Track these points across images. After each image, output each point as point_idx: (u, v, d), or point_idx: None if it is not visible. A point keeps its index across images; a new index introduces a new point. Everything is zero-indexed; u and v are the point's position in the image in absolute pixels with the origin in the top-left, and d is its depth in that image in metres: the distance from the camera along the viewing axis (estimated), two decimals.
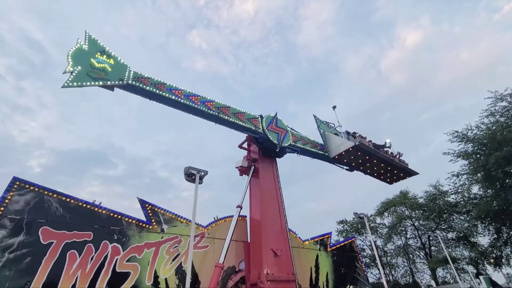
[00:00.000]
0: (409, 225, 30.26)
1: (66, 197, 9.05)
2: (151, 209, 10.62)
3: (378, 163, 14.63)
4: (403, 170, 15.44)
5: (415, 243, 30.73)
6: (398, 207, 31.13)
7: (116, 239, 9.30)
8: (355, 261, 17.72)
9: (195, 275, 10.47)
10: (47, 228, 8.26)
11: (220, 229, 12.18)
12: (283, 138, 14.95)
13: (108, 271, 8.71)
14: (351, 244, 18.66)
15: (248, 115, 14.20)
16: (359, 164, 14.91)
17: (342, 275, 16.11)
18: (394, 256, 31.90)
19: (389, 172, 15.50)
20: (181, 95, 11.62)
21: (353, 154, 13.83)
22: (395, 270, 32.13)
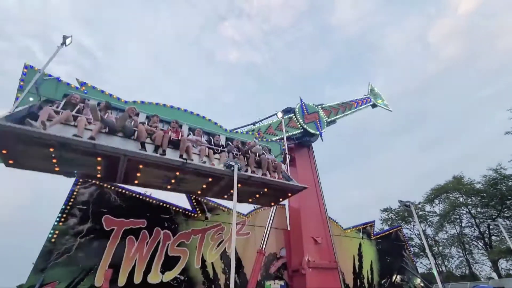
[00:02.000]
0: (464, 212, 27.60)
1: (122, 189, 10.08)
2: (195, 199, 11.32)
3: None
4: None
5: (471, 232, 28.01)
6: (451, 194, 28.50)
7: (166, 226, 10.17)
8: (402, 250, 16.88)
9: (238, 260, 11.01)
10: (108, 217, 9.35)
11: (259, 217, 12.53)
12: (320, 125, 14.64)
13: (162, 254, 9.60)
14: (397, 232, 17.77)
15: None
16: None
17: (387, 264, 15.51)
18: (447, 246, 29.52)
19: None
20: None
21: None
22: (448, 260, 29.79)
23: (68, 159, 5.79)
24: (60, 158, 5.72)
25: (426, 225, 30.68)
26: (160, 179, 7.05)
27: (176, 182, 7.22)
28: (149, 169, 6.47)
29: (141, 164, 6.22)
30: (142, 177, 6.96)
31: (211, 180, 7.16)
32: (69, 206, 8.99)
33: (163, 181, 7.17)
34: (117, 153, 5.62)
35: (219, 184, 7.43)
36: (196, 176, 6.89)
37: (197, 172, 6.67)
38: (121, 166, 6.22)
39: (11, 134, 4.69)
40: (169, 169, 6.48)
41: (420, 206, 29.67)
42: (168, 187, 7.57)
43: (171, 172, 6.63)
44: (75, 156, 5.72)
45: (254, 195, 8.35)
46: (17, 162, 5.91)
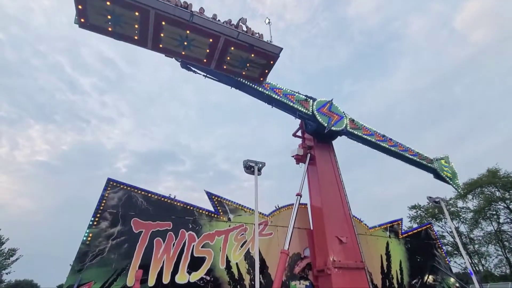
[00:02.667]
0: (501, 208, 25.77)
1: (148, 193, 10.52)
2: (217, 200, 11.54)
3: (181, 31, 8.97)
4: (249, 48, 9.57)
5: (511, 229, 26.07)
6: (486, 188, 26.72)
7: (191, 228, 10.46)
8: (433, 249, 16.07)
9: (262, 260, 11.05)
10: (137, 220, 9.79)
11: (282, 217, 12.51)
12: (334, 122, 14.33)
13: (188, 255, 9.89)
14: (427, 230, 16.94)
15: (299, 97, 14.16)
16: (154, 39, 9.23)
17: (418, 264, 14.84)
18: (484, 244, 27.69)
19: (230, 54, 9.83)
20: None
21: (105, 9, 8.05)
22: (485, 259, 27.94)
23: (118, 15, 8.42)
24: (113, 14, 8.38)
25: (459, 222, 29.03)
26: (176, 40, 9.35)
27: (188, 45, 9.61)
28: (168, 27, 8.93)
29: (163, 20, 8.62)
30: (165, 39, 9.33)
31: (212, 41, 9.42)
32: (101, 210, 9.53)
33: (178, 42, 9.50)
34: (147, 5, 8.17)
35: (217, 48, 9.65)
36: (202, 36, 9.30)
37: (202, 31, 9.10)
38: (151, 24, 8.64)
39: None
40: (180, 25, 8.93)
41: (451, 202, 28.13)
42: (182, 53, 9.96)
43: (183, 30, 9.08)
44: (122, 12, 8.32)
45: (244, 65, 10.69)
46: (86, 21, 8.52)
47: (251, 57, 10.22)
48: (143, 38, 9.26)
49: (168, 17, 8.57)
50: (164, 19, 8.63)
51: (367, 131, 16.08)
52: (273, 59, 10.56)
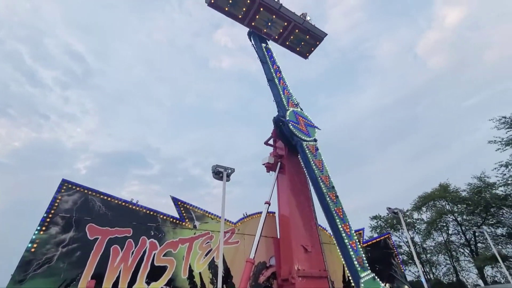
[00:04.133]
0: (450, 220, 28.18)
1: (108, 197, 9.83)
2: (183, 207, 11.14)
3: (269, 14, 13.59)
4: (307, 31, 14.42)
5: (458, 240, 28.56)
6: (438, 201, 29.11)
7: (153, 235, 9.92)
8: (391, 258, 16.98)
9: (227, 269, 10.80)
10: (92, 225, 9.06)
11: (249, 225, 12.40)
12: (307, 132, 14.77)
13: (147, 264, 9.33)
14: (386, 240, 17.90)
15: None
16: (247, 15, 13.64)
17: (377, 272, 15.48)
18: (435, 253, 29.94)
19: (292, 33, 14.52)
20: None
21: None
22: (436, 268, 30.17)
23: (237, 1, 12.92)
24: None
25: (414, 233, 31.12)
26: (264, 21, 13.86)
27: (270, 26, 14.41)
28: (263, 12, 13.62)
29: (262, 7, 12.76)
30: (258, 20, 13.73)
31: (286, 24, 14.65)
32: (52, 214, 8.68)
33: (265, 23, 14.10)
34: None
35: (287, 29, 14.50)
36: (281, 20, 14.40)
37: (282, 17, 14.20)
38: (253, 9, 12.60)
39: None
40: (271, 11, 13.92)
41: (408, 214, 30.11)
42: (264, 30, 14.80)
43: (271, 15, 13.75)
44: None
45: (300, 43, 15.36)
46: (215, 2, 12.84)
47: (306, 38, 15.28)
48: (244, 17, 13.81)
49: (266, 5, 13.25)
50: (263, 6, 13.29)
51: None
52: (320, 40, 15.70)
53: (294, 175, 14.30)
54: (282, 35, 14.81)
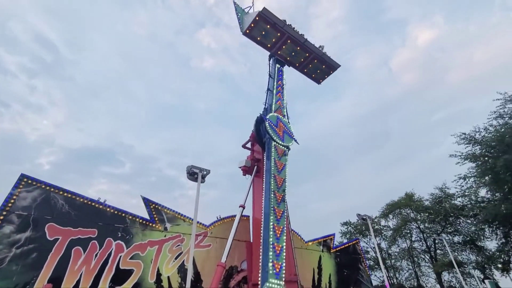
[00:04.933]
0: (414, 227, 29.91)
1: (72, 195, 9.22)
2: (154, 208, 10.75)
3: (294, 46, 15.45)
4: (324, 61, 16.48)
5: (420, 246, 30.35)
6: (403, 210, 30.79)
7: (120, 237, 9.45)
8: (359, 263, 17.61)
9: (197, 273, 10.56)
10: (53, 225, 8.44)
11: (222, 229, 12.25)
12: (290, 137, 15.00)
13: (112, 268, 8.85)
14: (354, 246, 18.54)
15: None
16: (275, 46, 15.39)
17: (345, 277, 16.03)
18: (399, 259, 31.53)
19: (310, 62, 16.46)
20: None
21: (263, 28, 14.40)
22: (399, 273, 31.77)
23: (268, 32, 14.80)
24: (266, 32, 14.92)
25: (381, 239, 32.56)
26: (289, 51, 15.92)
27: (293, 55, 16.18)
28: (290, 44, 15.69)
29: (290, 40, 15.32)
30: (284, 49, 15.86)
31: (307, 55, 16.23)
32: (6, 211, 7.96)
33: (289, 52, 15.97)
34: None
35: (308, 59, 16.30)
36: (303, 52, 16.13)
37: (305, 49, 16.05)
38: (282, 40, 15.11)
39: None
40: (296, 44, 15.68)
41: (376, 221, 31.44)
42: (288, 58, 16.29)
43: (296, 46, 15.76)
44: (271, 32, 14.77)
45: (316, 71, 17.16)
46: (250, 32, 14.51)
47: (321, 67, 16.89)
48: (272, 47, 15.31)
49: (293, 39, 14.80)
50: (291, 39, 14.85)
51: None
52: (333, 70, 17.55)
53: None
54: (302, 63, 16.78)
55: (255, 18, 13.99)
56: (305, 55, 16.05)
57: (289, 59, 16.41)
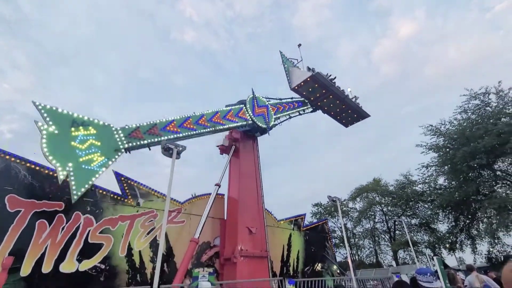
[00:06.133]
0: (378, 210, 32.22)
1: (36, 166, 8.65)
2: (126, 183, 10.46)
3: (334, 100, 16.45)
4: (356, 111, 17.62)
5: (381, 227, 32.95)
6: (370, 194, 32.87)
7: (89, 211, 9.14)
8: (326, 241, 18.76)
9: (169, 248, 10.65)
10: (14, 196, 7.93)
11: (197, 206, 12.30)
12: (268, 119, 15.00)
13: (80, 241, 8.62)
14: (323, 225, 19.64)
15: (235, 109, 13.99)
16: (317, 99, 16.46)
17: (312, 253, 17.05)
18: (362, 238, 34.11)
19: (344, 111, 17.58)
20: (176, 128, 11.19)
21: (311, 86, 15.08)
22: (361, 250, 34.51)
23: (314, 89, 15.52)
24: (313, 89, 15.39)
25: (348, 220, 34.74)
26: (330, 103, 16.93)
27: (332, 107, 17.26)
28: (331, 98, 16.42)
29: (331, 95, 16.15)
30: (325, 102, 16.84)
31: (344, 107, 17.15)
32: None
33: (329, 104, 16.97)
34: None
35: (343, 109, 17.34)
36: (341, 104, 16.93)
37: (345, 103, 16.91)
38: (324, 95, 16.09)
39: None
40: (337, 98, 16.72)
41: (344, 203, 33.31)
42: (325, 108, 17.45)
43: (336, 100, 16.88)
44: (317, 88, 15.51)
45: (347, 118, 18.11)
46: (299, 88, 15.21)
47: (353, 115, 17.96)
48: (315, 100, 16.31)
49: (336, 95, 15.66)
50: (333, 95, 15.74)
51: (281, 107, 17.22)
52: (363, 118, 18.56)
53: (247, 159, 14.52)
54: (336, 112, 17.88)
55: (307, 79, 14.65)
56: (341, 106, 17.25)
57: (326, 109, 17.63)
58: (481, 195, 20.74)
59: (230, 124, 13.38)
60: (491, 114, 19.94)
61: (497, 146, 18.04)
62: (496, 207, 18.09)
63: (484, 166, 19.94)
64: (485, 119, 19.90)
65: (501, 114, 19.39)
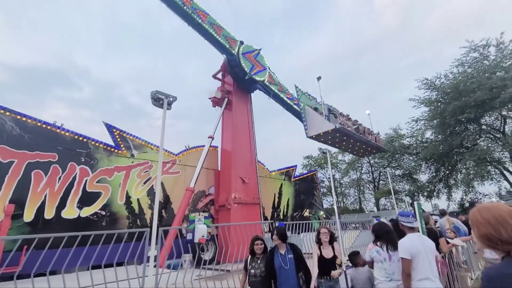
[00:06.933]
0: (365, 162, 33.69)
1: (22, 116, 8.41)
2: (119, 134, 10.41)
3: (355, 143, 14.22)
4: (377, 148, 15.81)
5: (367, 178, 34.93)
6: None
7: (83, 162, 9.25)
8: (314, 190, 19.98)
9: (167, 196, 11.19)
10: (4, 147, 7.86)
11: (191, 158, 12.57)
12: (256, 72, 14.44)
13: (78, 190, 8.91)
14: (312, 176, 20.67)
15: (227, 33, 13.30)
16: (337, 143, 14.14)
17: (301, 201, 18.28)
18: (348, 187, 36.36)
19: (363, 149, 15.56)
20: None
21: (331, 135, 12.60)
22: (346, 198, 37.15)
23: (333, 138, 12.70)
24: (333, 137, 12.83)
25: (336, 171, 36.47)
26: (352, 146, 14.77)
27: (356, 150, 15.56)
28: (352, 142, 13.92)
29: (352, 139, 13.53)
30: (347, 146, 14.73)
31: (364, 146, 14.90)
32: None
33: (353, 147, 15.00)
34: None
35: (364, 148, 15.28)
36: (363, 146, 14.75)
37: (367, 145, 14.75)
38: (345, 140, 13.61)
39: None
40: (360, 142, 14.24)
41: (334, 155, 34.52)
42: (349, 150, 16.09)
43: (361, 144, 14.64)
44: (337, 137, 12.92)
45: (365, 153, 16.55)
46: (317, 138, 12.68)
47: (371, 151, 16.26)
48: (332, 144, 13.96)
49: (357, 139, 13.43)
50: (354, 139, 13.39)
51: (282, 88, 16.85)
52: (381, 152, 18.32)
53: (240, 111, 14.40)
54: (359, 151, 16.11)
55: (328, 131, 12.04)
56: (362, 146, 15.28)
57: (344, 148, 15.80)
58: (464, 148, 21.69)
59: (210, 30, 12.45)
60: (487, 67, 19.64)
61: (487, 100, 18.22)
62: (475, 159, 19.13)
63: (471, 120, 20.43)
64: (481, 73, 19.67)
65: (497, 68, 19.14)
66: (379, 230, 3.56)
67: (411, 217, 3.33)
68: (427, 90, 22.74)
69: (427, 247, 3.14)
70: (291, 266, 3.40)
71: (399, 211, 5.99)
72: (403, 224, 3.33)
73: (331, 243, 3.85)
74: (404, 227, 3.32)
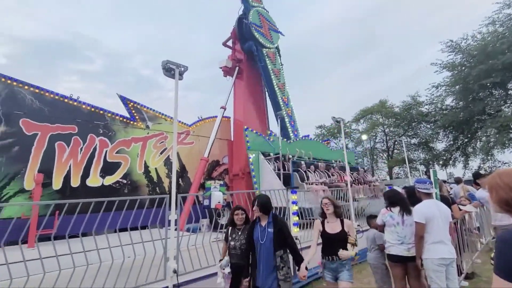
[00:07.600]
0: (380, 131, 32.99)
1: (40, 90, 8.64)
2: (133, 106, 10.58)
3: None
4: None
5: (381, 147, 34.44)
6: (374, 115, 32.99)
7: (102, 133, 9.59)
8: None
9: (182, 166, 11.60)
10: (27, 120, 8.22)
11: (204, 128, 12.73)
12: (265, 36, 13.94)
13: (100, 160, 9.37)
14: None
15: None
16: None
17: None
18: (361, 156, 36.15)
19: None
20: None
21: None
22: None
23: None
24: None
25: (349, 140, 36.06)
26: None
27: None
28: None
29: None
30: None
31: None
32: None
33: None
34: None
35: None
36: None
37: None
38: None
39: None
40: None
41: (347, 124, 33.88)
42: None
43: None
44: None
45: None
46: None
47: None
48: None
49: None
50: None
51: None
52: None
53: (252, 81, 14.12)
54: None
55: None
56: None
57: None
58: (486, 115, 20.66)
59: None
60: None
61: None
62: (497, 126, 18.27)
63: (497, 84, 19.12)
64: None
65: None
66: (393, 196, 3.63)
67: (428, 183, 3.39)
68: (451, 53, 21.21)
69: (443, 212, 3.22)
70: (267, 241, 2.92)
71: (416, 178, 6.02)
72: (420, 190, 3.38)
73: (338, 216, 3.28)
74: (421, 193, 3.38)
